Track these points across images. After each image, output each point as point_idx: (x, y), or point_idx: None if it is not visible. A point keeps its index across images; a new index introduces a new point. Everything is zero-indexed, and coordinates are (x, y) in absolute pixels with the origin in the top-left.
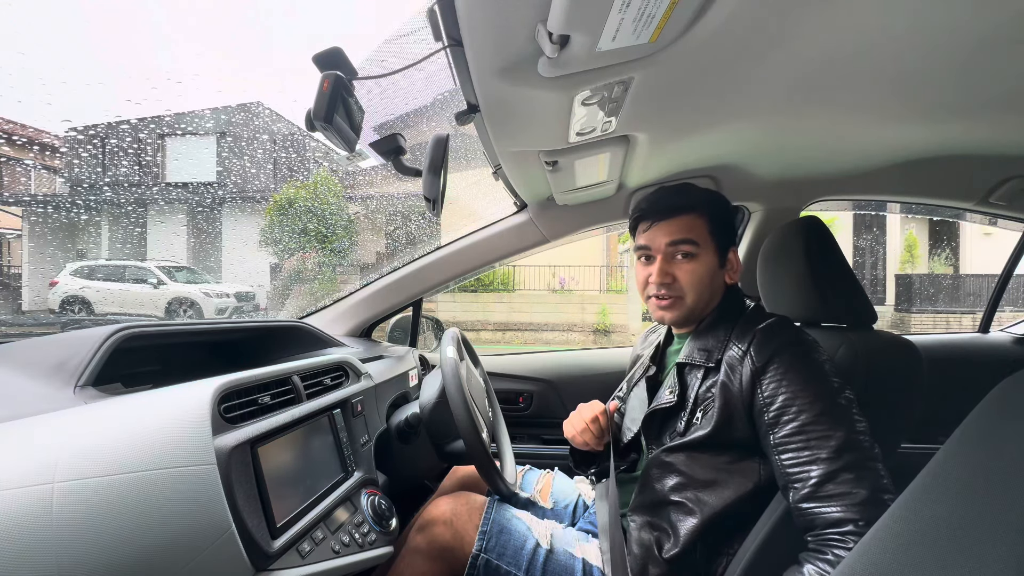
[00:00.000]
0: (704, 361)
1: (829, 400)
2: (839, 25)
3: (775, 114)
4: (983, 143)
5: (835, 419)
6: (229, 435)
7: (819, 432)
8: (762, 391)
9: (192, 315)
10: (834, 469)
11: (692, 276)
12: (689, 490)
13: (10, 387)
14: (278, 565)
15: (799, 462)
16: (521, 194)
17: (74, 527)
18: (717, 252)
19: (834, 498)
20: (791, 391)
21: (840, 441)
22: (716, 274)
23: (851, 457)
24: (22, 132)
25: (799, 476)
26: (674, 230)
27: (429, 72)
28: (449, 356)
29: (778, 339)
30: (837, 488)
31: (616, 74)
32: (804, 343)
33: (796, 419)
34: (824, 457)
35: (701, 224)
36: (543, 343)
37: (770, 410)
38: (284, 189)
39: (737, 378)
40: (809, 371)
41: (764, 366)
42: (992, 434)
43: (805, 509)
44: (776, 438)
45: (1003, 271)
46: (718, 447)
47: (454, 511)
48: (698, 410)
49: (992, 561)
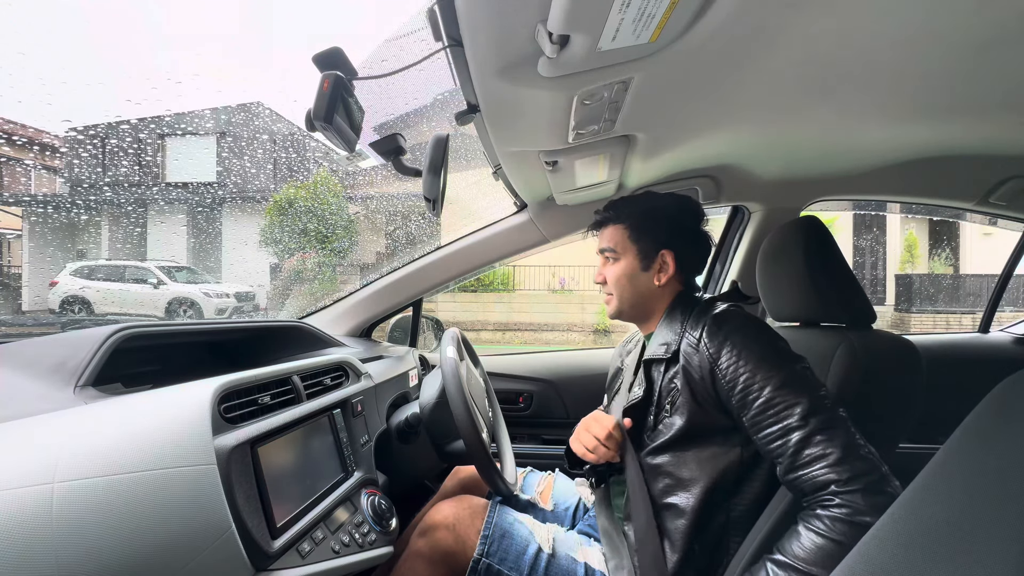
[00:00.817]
0: (664, 354)
1: (787, 370)
2: (839, 25)
3: (775, 114)
4: (983, 143)
5: (795, 387)
6: (229, 435)
7: (783, 403)
8: (722, 375)
9: (192, 315)
10: (805, 435)
11: (613, 276)
12: (678, 491)
13: (10, 387)
14: (278, 565)
15: (774, 436)
16: (521, 194)
17: (74, 527)
18: (639, 256)
19: (812, 462)
20: (747, 370)
21: (805, 407)
22: (637, 275)
23: (818, 420)
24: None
25: (778, 450)
26: (602, 239)
27: (429, 72)
28: (449, 356)
29: (728, 323)
30: (813, 451)
31: (616, 74)
32: (752, 324)
33: (760, 395)
34: (794, 425)
35: (621, 232)
36: (543, 343)
37: (735, 393)
38: (284, 189)
39: (696, 366)
40: (760, 347)
41: (718, 350)
42: (992, 434)
43: (791, 480)
44: (748, 419)
45: (1003, 271)
46: (699, 440)
47: (456, 515)
48: (665, 403)
49: (992, 561)
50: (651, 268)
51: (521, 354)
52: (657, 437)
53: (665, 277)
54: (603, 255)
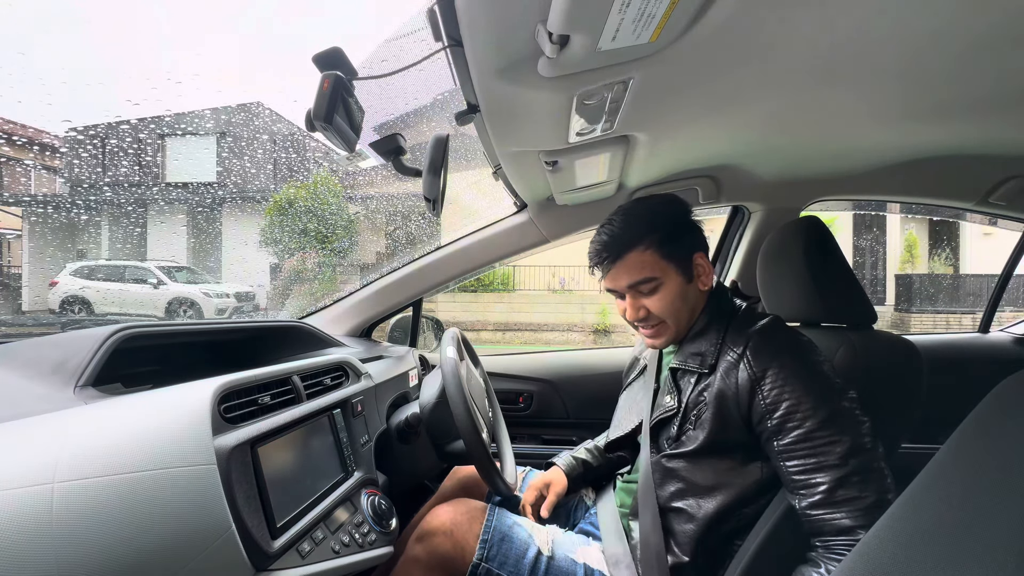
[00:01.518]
0: (698, 366)
1: (833, 405)
2: (839, 25)
3: (775, 114)
4: (983, 143)
5: (840, 424)
6: (229, 435)
7: (825, 438)
8: (763, 398)
9: (192, 315)
10: (841, 476)
11: (662, 303)
12: (690, 496)
13: (10, 387)
14: (278, 565)
15: (806, 469)
16: (521, 194)
17: (74, 527)
18: (679, 271)
19: (842, 504)
20: (794, 397)
21: (846, 447)
22: (687, 290)
23: (857, 462)
24: (22, 132)
25: (806, 483)
26: (629, 272)
27: (429, 72)
28: (449, 356)
29: (775, 343)
30: (846, 494)
31: (616, 74)
32: (802, 346)
33: (801, 426)
34: (831, 464)
35: (651, 255)
36: (543, 343)
37: (773, 417)
38: (284, 189)
39: (733, 384)
40: (810, 375)
41: (763, 372)
42: (992, 434)
43: (813, 516)
44: (780, 445)
45: (1003, 271)
46: (718, 453)
47: (454, 520)
48: (691, 415)
49: (992, 561)
50: (694, 278)
51: (521, 354)
52: (678, 447)
53: (709, 279)
54: (632, 291)
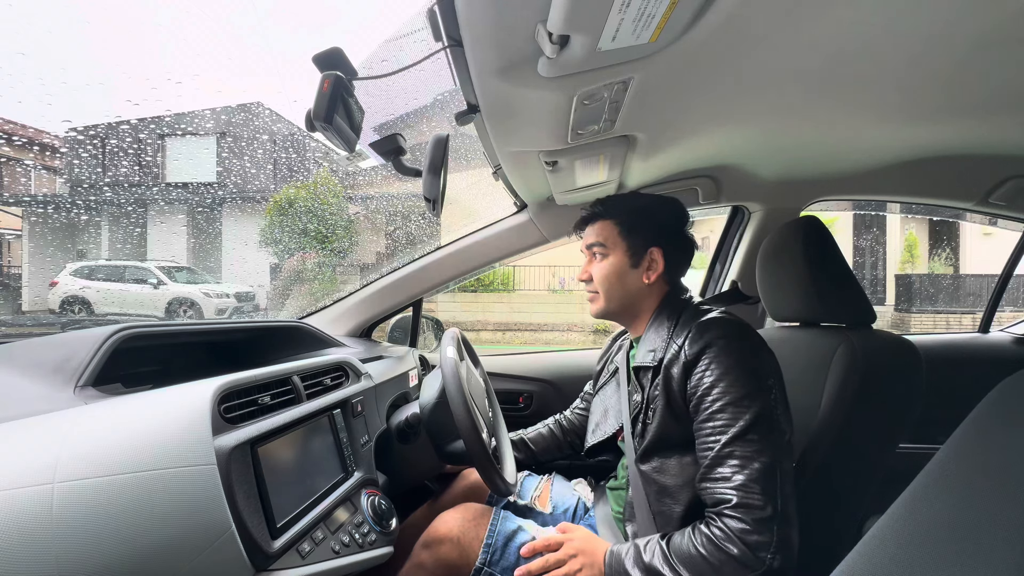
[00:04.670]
0: (651, 362)
1: (748, 390)
2: (839, 26)
3: (775, 114)
4: (983, 143)
5: (745, 407)
6: (229, 435)
7: (726, 419)
8: (690, 382)
9: (192, 315)
10: (726, 452)
11: (601, 273)
12: (666, 498)
13: (10, 387)
14: (278, 565)
15: (706, 445)
16: (521, 194)
17: (74, 527)
18: (628, 252)
19: (719, 480)
20: (711, 380)
21: (742, 427)
22: (628, 273)
23: (745, 443)
24: (22, 132)
25: (702, 457)
26: (590, 234)
27: (429, 72)
28: (449, 356)
29: (711, 332)
30: (723, 470)
31: (616, 74)
32: (738, 334)
33: (711, 406)
34: (724, 440)
35: (611, 227)
36: (543, 343)
37: (693, 399)
38: (284, 189)
39: (674, 373)
40: (735, 362)
41: (696, 357)
42: (992, 434)
43: (700, 487)
44: (696, 424)
45: (1003, 271)
46: (677, 448)
47: (461, 528)
48: (648, 410)
49: (992, 561)
50: (640, 265)
51: (521, 354)
52: (642, 444)
53: (654, 275)
54: (590, 251)
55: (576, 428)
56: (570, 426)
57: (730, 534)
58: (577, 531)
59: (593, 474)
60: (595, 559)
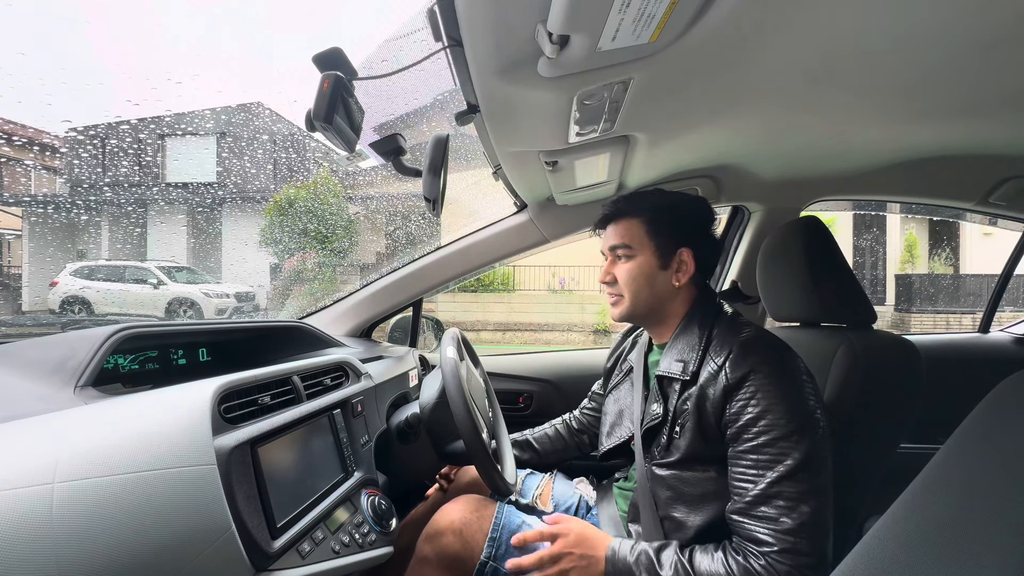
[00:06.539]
0: (680, 373)
1: (793, 424)
2: (839, 26)
3: (775, 114)
4: (983, 143)
5: (794, 444)
6: (229, 435)
7: (772, 454)
8: (731, 406)
9: (192, 315)
10: (771, 493)
11: (627, 275)
12: (681, 505)
13: (10, 387)
14: (278, 565)
15: (746, 477)
16: (521, 194)
17: (74, 527)
18: (657, 253)
19: (761, 520)
20: (759, 409)
21: (789, 468)
22: (655, 274)
23: (793, 485)
24: (22, 132)
25: (739, 489)
26: (616, 234)
27: (429, 72)
28: (449, 356)
29: (755, 356)
30: (768, 511)
31: (616, 74)
32: (782, 359)
33: (756, 439)
34: (769, 479)
35: (637, 226)
36: (543, 343)
37: (735, 425)
38: (284, 189)
39: (712, 393)
40: (780, 392)
41: (738, 383)
42: (992, 434)
43: (735, 520)
44: (734, 451)
45: (1003, 271)
46: (703, 463)
47: (464, 519)
48: (676, 424)
49: (992, 561)
50: (669, 267)
51: (521, 354)
52: (666, 456)
53: (685, 277)
54: (613, 252)
55: (586, 428)
56: (579, 427)
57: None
58: (573, 523)
59: (595, 472)
60: (595, 555)
